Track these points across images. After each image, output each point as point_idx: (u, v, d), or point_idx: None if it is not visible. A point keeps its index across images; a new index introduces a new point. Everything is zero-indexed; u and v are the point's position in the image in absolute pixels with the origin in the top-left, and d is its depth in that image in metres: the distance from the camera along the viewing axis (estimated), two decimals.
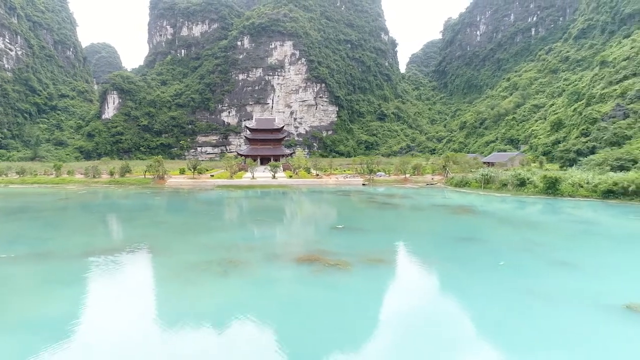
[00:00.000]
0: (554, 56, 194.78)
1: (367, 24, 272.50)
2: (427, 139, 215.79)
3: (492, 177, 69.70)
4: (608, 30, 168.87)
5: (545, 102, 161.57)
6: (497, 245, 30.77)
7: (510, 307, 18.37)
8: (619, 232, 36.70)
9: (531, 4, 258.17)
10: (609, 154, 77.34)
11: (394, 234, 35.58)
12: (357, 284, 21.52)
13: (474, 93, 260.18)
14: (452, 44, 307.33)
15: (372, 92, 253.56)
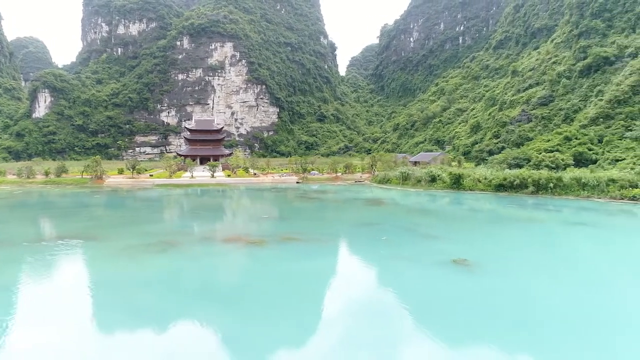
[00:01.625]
0: (477, 64, 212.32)
1: (307, 28, 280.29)
2: (363, 140, 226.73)
3: (409, 174, 78.61)
4: (521, 42, 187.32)
5: (468, 106, 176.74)
6: (389, 227, 38.26)
7: (380, 265, 25.44)
8: (489, 215, 45.72)
9: (459, 14, 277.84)
10: (509, 154, 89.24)
11: (311, 221, 42.27)
12: (268, 253, 27.82)
13: (408, 96, 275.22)
14: (388, 49, 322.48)
15: (312, 94, 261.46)
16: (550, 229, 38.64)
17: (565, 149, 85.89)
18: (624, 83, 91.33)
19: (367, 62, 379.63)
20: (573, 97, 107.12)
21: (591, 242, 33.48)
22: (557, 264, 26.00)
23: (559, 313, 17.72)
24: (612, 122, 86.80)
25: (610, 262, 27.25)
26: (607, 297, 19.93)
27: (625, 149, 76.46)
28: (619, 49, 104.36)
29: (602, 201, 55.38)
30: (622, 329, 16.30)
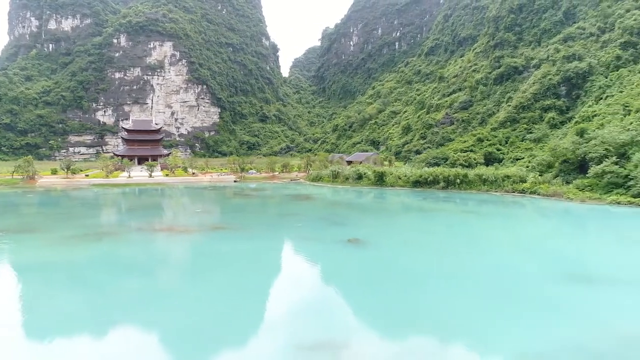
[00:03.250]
0: (410, 69, 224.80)
1: (249, 29, 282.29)
2: (305, 140, 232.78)
3: (338, 172, 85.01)
4: (449, 50, 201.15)
5: (401, 109, 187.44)
6: (307, 216, 43.79)
7: (290, 244, 30.72)
8: (398, 207, 52.64)
9: (395, 20, 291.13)
10: (430, 153, 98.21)
11: (240, 214, 46.96)
12: (195, 238, 32.30)
13: (348, 98, 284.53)
14: (330, 51, 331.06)
15: (254, 94, 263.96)
16: (444, 216, 45.91)
17: (477, 149, 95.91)
18: (528, 91, 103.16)
19: (309, 64, 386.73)
20: (488, 103, 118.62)
21: (469, 225, 40.75)
22: (431, 241, 32.58)
23: (411, 271, 23.81)
24: (517, 125, 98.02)
25: (473, 238, 34.23)
26: (456, 261, 26.35)
27: (525, 149, 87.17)
28: (526, 60, 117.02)
29: (498, 194, 64.27)
30: (456, 280, 22.53)
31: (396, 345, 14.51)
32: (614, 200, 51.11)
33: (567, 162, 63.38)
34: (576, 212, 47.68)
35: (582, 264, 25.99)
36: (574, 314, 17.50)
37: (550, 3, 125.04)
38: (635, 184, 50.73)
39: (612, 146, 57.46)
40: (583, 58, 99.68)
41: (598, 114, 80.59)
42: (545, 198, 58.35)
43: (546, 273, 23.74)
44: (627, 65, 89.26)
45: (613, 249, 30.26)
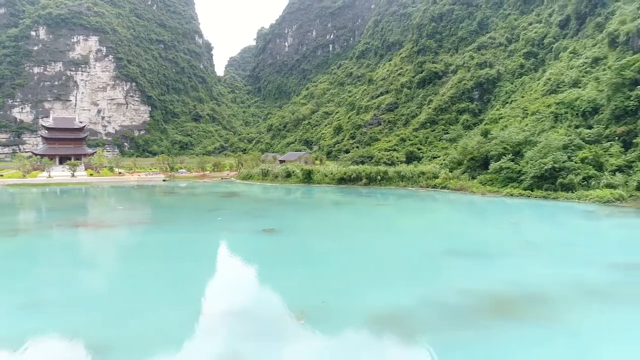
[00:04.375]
0: (343, 71, 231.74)
1: (181, 26, 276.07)
2: (239, 140, 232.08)
3: (268, 171, 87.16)
4: (379, 54, 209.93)
5: (333, 110, 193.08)
6: (230, 211, 45.72)
7: (208, 235, 32.54)
8: (319, 201, 55.89)
9: (329, 23, 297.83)
10: (356, 152, 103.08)
11: (163, 209, 47.88)
12: (113, 232, 33.23)
13: (284, 98, 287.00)
14: (265, 51, 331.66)
15: (186, 93, 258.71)
16: (358, 208, 49.75)
17: (400, 148, 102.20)
18: (446, 94, 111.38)
19: (245, 63, 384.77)
20: (412, 105, 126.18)
21: (378, 215, 44.72)
22: (341, 228, 35.89)
23: (316, 252, 26.76)
24: (436, 126, 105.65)
25: (379, 225, 38.01)
26: (360, 244, 29.67)
27: (441, 148, 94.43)
28: (445, 65, 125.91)
29: (413, 189, 69.62)
30: (355, 258, 25.71)
31: (297, 308, 17.19)
32: (509, 192, 57.67)
33: (473, 160, 69.95)
34: (475, 203, 53.42)
35: (462, 243, 30.28)
36: (437, 279, 21.24)
37: (466, 14, 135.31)
38: (525, 178, 57.59)
39: (509, 145, 64.52)
40: (493, 65, 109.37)
41: (503, 117, 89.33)
42: (454, 192, 64.28)
43: (431, 250, 27.68)
44: (529, 73, 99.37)
45: (491, 231, 35.26)
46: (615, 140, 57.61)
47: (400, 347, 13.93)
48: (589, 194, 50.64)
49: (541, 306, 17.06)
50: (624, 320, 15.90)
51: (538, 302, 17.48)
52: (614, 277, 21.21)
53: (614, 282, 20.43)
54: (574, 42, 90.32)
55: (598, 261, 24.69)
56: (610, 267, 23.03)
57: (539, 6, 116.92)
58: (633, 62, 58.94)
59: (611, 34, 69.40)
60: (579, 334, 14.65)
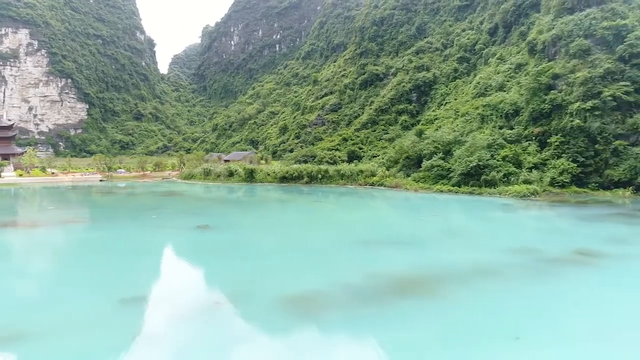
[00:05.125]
0: (289, 71, 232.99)
1: (121, 21, 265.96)
2: (183, 140, 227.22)
3: (210, 170, 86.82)
4: (324, 55, 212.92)
5: (279, 110, 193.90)
6: (166, 209, 45.80)
7: (143, 231, 32.71)
8: (258, 199, 56.93)
9: (275, 23, 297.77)
10: (300, 152, 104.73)
11: (97, 209, 47.04)
12: (42, 231, 32.63)
13: (230, 98, 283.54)
14: (210, 50, 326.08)
15: (127, 91, 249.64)
16: (295, 205, 51.37)
17: (342, 147, 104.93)
18: (386, 96, 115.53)
19: (190, 61, 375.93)
20: (355, 106, 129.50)
21: (312, 211, 46.49)
22: (274, 224, 37.18)
23: (246, 245, 27.88)
24: (377, 127, 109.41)
25: (310, 219, 39.71)
26: (287, 237, 31.09)
27: (381, 148, 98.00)
28: (386, 68, 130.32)
29: (352, 187, 72.14)
30: (281, 249, 27.04)
31: (217, 294, 18.28)
32: (439, 189, 61.40)
33: (408, 158, 73.55)
34: (407, 199, 56.50)
35: (385, 234, 32.50)
36: (354, 265, 23.03)
37: (406, 19, 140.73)
38: (454, 175, 61.53)
39: (440, 144, 68.53)
40: (430, 69, 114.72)
41: (438, 118, 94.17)
42: (390, 189, 67.32)
43: (356, 241, 29.58)
44: (462, 77, 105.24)
45: (414, 224, 37.93)
46: (532, 140, 62.86)
47: (304, 321, 15.43)
48: (508, 189, 55.06)
49: (439, 285, 19.23)
50: (506, 294, 18.35)
51: (437, 282, 19.66)
52: (508, 260, 23.97)
53: (507, 263, 23.14)
54: (501, 48, 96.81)
55: (499, 247, 27.63)
56: (508, 252, 25.91)
57: (472, 14, 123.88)
58: (547, 69, 64.54)
59: (530, 43, 75.39)
60: (465, 307, 16.81)
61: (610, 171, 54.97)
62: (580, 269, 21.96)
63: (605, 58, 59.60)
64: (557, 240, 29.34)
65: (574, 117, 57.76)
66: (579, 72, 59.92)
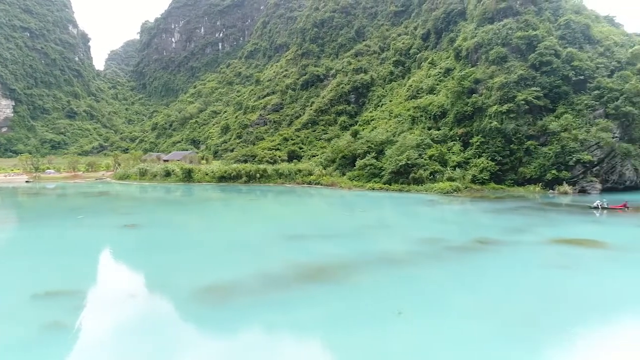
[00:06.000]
0: (231, 70, 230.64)
1: (51, 14, 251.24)
2: (121, 139, 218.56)
3: (146, 170, 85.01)
4: (267, 55, 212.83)
5: (222, 109, 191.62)
6: (95, 209, 44.94)
7: (67, 230, 32.20)
8: (191, 198, 56.93)
9: (218, 21, 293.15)
10: (240, 151, 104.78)
11: (20, 210, 45.25)
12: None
13: (171, 96, 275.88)
14: (150, 46, 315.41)
15: (59, 87, 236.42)
16: (230, 204, 52.03)
17: (283, 147, 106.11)
18: (326, 97, 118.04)
19: (128, 58, 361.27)
20: (296, 106, 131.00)
21: (247, 209, 47.39)
22: (203, 221, 37.78)
23: (166, 243, 28.45)
24: (316, 127, 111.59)
25: (241, 216, 40.66)
26: (214, 233, 31.87)
27: (320, 148, 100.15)
28: (326, 69, 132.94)
29: (290, 186, 73.53)
30: (208, 245, 27.82)
31: (134, 286, 18.91)
32: (371, 186, 64.20)
33: (344, 158, 76.06)
34: (341, 197, 58.65)
35: (311, 228, 34.14)
36: (273, 257, 24.45)
37: (345, 22, 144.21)
38: (385, 174, 64.60)
39: (373, 144, 71.54)
40: (368, 71, 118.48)
41: (374, 119, 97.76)
42: (326, 187, 69.39)
43: (282, 235, 30.99)
44: (397, 80, 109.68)
45: (340, 219, 39.96)
46: (456, 140, 67.29)
47: (215, 307, 16.57)
48: (434, 186, 58.75)
49: (346, 272, 21.02)
50: (402, 278, 20.44)
51: (346, 269, 21.45)
52: (416, 249, 26.32)
53: (413, 252, 25.45)
54: (432, 53, 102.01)
55: (412, 238, 30.06)
56: (419, 242, 28.32)
57: (407, 19, 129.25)
58: (470, 74, 69.34)
59: (456, 49, 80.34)
60: (362, 289, 18.64)
61: (523, 169, 60.13)
62: (476, 255, 24.64)
63: (519, 65, 65.04)
64: (463, 231, 32.30)
65: (492, 119, 62.58)
66: (497, 78, 64.97)
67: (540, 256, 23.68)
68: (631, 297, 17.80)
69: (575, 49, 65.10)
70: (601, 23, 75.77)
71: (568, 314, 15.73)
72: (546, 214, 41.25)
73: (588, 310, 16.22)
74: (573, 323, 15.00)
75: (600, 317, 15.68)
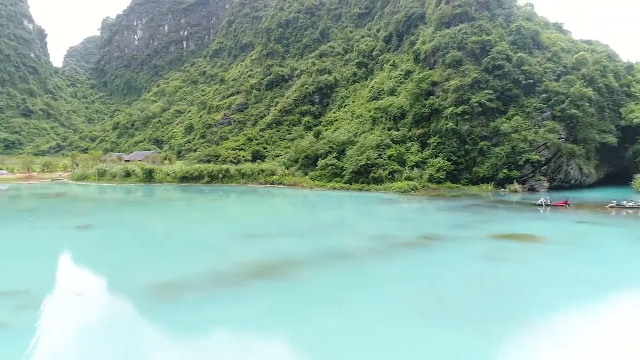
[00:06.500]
0: (196, 69, 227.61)
1: (4, 8, 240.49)
2: (80, 139, 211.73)
3: (105, 170, 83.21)
4: (232, 54, 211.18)
5: (186, 108, 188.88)
6: (48, 211, 44.01)
7: (17, 231, 31.55)
8: (149, 199, 56.47)
9: (182, 19, 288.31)
10: (203, 152, 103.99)
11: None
12: None
13: (133, 95, 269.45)
14: (111, 43, 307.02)
15: (13, 84, 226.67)
16: (189, 204, 51.97)
17: (247, 147, 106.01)
18: (291, 97, 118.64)
19: (88, 55, 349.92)
20: (261, 106, 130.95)
21: (207, 209, 47.53)
22: (160, 222, 37.77)
23: (117, 243, 28.45)
24: (281, 127, 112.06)
25: (199, 216, 40.86)
26: (170, 233, 32.02)
27: (284, 148, 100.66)
28: (291, 70, 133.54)
29: (253, 186, 73.77)
30: (155, 246, 27.98)
31: (91, 284, 19.02)
32: (332, 186, 65.32)
33: (307, 158, 76.88)
34: (302, 196, 59.48)
35: (266, 227, 34.78)
36: (225, 255, 24.99)
37: (310, 22, 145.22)
38: (346, 173, 65.88)
39: (335, 145, 72.74)
40: (331, 72, 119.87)
41: (338, 119, 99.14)
42: (289, 187, 70.05)
43: (237, 234, 31.50)
44: (360, 81, 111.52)
45: (296, 217, 40.79)
46: (415, 140, 69.33)
47: (162, 303, 17.03)
48: (392, 185, 60.42)
49: (295, 268, 21.84)
50: (346, 272, 21.43)
51: (295, 266, 22.27)
52: (365, 245, 27.44)
53: (362, 248, 26.56)
54: (394, 55, 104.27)
55: (364, 234, 31.22)
56: (369, 238, 29.48)
57: (370, 21, 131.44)
58: (427, 77, 71.57)
59: (415, 52, 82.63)
60: (307, 283, 19.50)
61: (477, 168, 62.70)
62: (419, 250, 25.97)
63: (473, 68, 67.70)
64: (413, 228, 33.75)
65: (448, 121, 64.88)
66: (453, 81, 67.38)
67: (478, 250, 25.21)
68: (549, 284, 19.38)
69: (525, 53, 68.33)
70: (550, 29, 79.66)
71: (491, 300, 17.08)
72: (495, 211, 43.39)
73: (510, 297, 17.64)
74: (494, 308, 16.31)
75: (520, 303, 17.10)
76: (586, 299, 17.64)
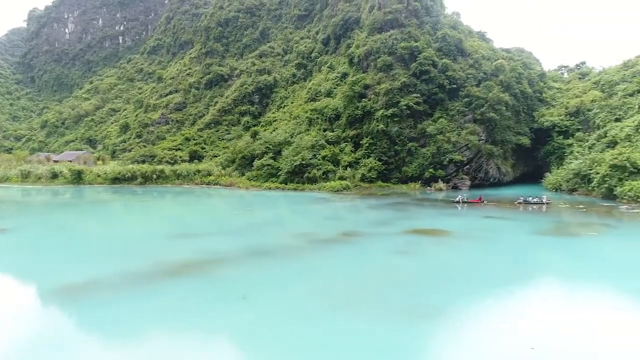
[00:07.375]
0: (132, 66, 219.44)
1: None
2: (4, 137, 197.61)
3: (29, 172, 78.99)
4: (171, 52, 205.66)
5: (121, 107, 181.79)
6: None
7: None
8: (73, 201, 54.64)
9: (118, 13, 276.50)
10: (138, 152, 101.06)
11: None
12: None
13: (64, 91, 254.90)
14: (39, 36, 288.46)
15: None
16: (117, 206, 50.84)
17: (185, 147, 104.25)
18: (230, 97, 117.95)
19: (13, 48, 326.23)
20: (200, 105, 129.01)
21: (134, 210, 46.89)
22: (82, 224, 37.02)
23: (36, 246, 27.85)
24: (220, 127, 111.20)
25: (128, 218, 40.40)
26: (88, 235, 31.60)
27: (222, 148, 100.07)
28: (231, 69, 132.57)
29: (189, 186, 73.16)
30: (72, 248, 27.63)
31: (9, 283, 18.73)
32: (268, 186, 66.27)
33: (244, 158, 77.26)
34: (238, 196, 59.89)
35: (193, 227, 35.16)
36: (145, 255, 25.16)
37: (250, 22, 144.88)
38: (282, 174, 67.01)
39: (271, 145, 73.64)
40: (271, 72, 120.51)
41: (277, 120, 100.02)
42: (225, 188, 70.18)
43: (162, 234, 31.63)
44: (299, 82, 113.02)
45: (226, 217, 41.39)
46: (348, 141, 71.73)
47: (71, 303, 17.27)
48: (326, 185, 62.32)
49: (211, 266, 22.55)
50: (259, 268, 22.50)
51: (211, 264, 22.97)
52: (286, 242, 28.66)
53: (282, 245, 27.75)
54: (332, 58, 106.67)
55: (287, 232, 32.49)
56: (291, 236, 30.75)
57: (310, 23, 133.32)
58: (360, 80, 74.22)
59: (350, 55, 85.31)
60: (219, 280, 20.37)
61: (406, 168, 66.04)
62: (336, 246, 27.56)
63: (402, 73, 71.10)
64: (335, 225, 35.45)
65: (379, 122, 67.78)
66: (383, 84, 70.42)
67: (389, 244, 27.17)
68: (445, 274, 21.53)
69: (450, 60, 72.73)
70: (473, 38, 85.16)
71: (390, 289, 18.84)
72: (418, 208, 46.18)
73: (407, 286, 19.52)
74: (392, 296, 18.04)
75: (416, 290, 18.98)
76: (476, 288, 19.76)
